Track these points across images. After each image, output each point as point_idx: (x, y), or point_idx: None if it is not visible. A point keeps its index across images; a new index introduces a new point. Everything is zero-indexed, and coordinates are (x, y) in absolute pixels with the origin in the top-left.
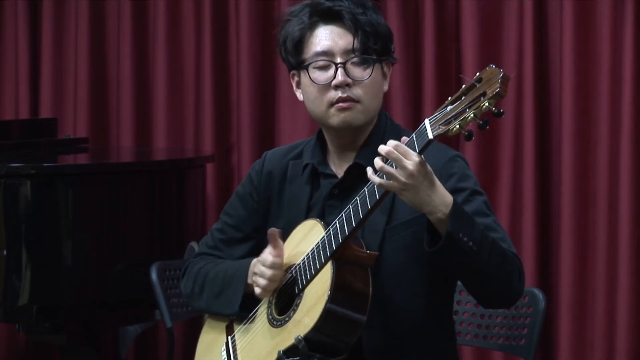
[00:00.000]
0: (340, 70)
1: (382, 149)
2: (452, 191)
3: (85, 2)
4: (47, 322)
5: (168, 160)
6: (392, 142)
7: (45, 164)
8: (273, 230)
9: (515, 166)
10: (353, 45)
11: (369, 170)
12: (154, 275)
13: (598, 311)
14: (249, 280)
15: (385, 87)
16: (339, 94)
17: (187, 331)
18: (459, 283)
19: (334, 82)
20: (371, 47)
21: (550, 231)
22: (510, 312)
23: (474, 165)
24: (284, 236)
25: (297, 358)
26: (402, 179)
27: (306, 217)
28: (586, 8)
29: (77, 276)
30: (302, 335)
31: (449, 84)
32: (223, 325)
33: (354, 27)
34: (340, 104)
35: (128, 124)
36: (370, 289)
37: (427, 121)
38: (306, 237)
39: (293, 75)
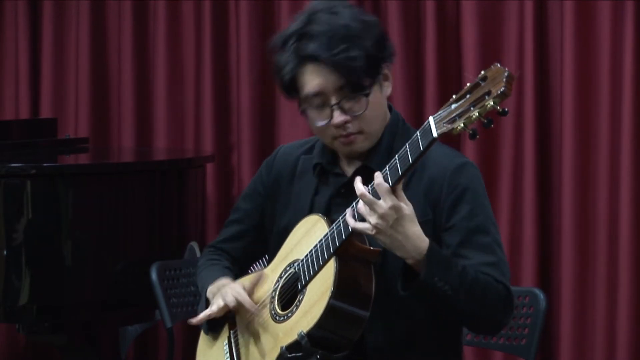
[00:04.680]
0: (336, 112)
1: (358, 189)
2: (456, 202)
3: (85, 2)
4: (47, 322)
5: (168, 160)
6: (360, 187)
7: (45, 164)
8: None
9: (515, 166)
10: (342, 83)
11: (348, 212)
12: (154, 275)
13: (598, 311)
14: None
15: (388, 91)
16: (340, 131)
17: (187, 331)
18: None
19: (332, 123)
20: (358, 83)
21: (551, 231)
22: None
23: None
24: (288, 230)
25: (300, 354)
26: (373, 221)
27: (310, 212)
28: (586, 8)
29: (77, 276)
30: (305, 331)
31: (450, 84)
32: (225, 319)
33: (335, 68)
34: (343, 140)
35: (128, 124)
36: (374, 285)
37: (431, 119)
38: (309, 233)
39: None
